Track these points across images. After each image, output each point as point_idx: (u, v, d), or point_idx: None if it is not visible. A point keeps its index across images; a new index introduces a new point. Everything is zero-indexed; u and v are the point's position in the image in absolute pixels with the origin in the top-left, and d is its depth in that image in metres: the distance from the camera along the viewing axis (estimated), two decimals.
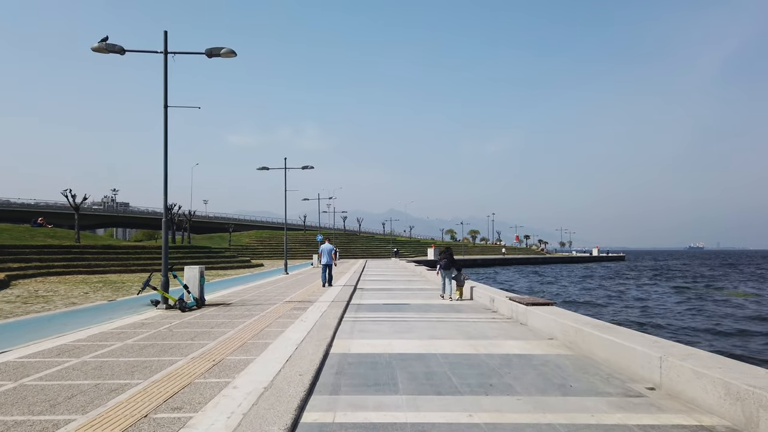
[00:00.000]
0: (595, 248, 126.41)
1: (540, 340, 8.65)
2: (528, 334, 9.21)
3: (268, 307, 12.77)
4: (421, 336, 9.01)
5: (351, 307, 13.34)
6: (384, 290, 18.85)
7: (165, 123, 12.67)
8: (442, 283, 15.42)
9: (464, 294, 15.38)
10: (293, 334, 8.69)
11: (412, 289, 19.35)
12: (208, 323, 10.00)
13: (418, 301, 14.83)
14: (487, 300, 13.69)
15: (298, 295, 15.74)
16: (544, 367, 6.64)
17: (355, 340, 8.66)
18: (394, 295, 16.74)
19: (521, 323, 10.51)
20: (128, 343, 7.99)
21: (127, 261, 33.16)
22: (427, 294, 17.10)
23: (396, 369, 6.55)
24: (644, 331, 13.66)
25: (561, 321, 8.57)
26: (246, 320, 10.41)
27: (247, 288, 19.03)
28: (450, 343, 8.28)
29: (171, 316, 11.03)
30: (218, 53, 12.80)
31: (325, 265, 19.59)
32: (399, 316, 11.64)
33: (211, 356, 6.95)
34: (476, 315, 11.97)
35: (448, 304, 14.27)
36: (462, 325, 10.28)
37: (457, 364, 6.78)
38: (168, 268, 12.73)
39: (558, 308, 10.13)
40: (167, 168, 12.68)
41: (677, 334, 18.96)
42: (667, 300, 32.33)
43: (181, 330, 9.18)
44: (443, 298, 15.27)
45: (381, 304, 14.27)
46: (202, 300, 13.14)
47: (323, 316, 10.95)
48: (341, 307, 12.59)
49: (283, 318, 10.72)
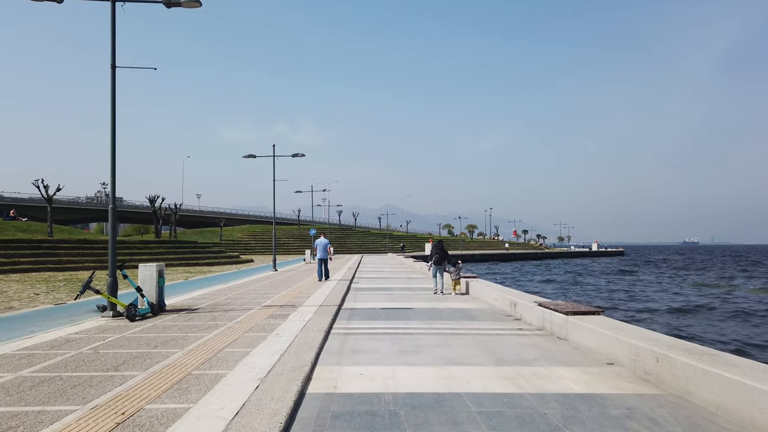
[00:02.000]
0: (594, 243, 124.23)
1: (598, 366, 6.33)
2: (576, 357, 6.89)
3: (241, 313, 10.42)
4: (434, 359, 6.68)
5: (342, 314, 11.01)
6: (381, 290, 16.52)
7: (113, 86, 10.25)
8: (434, 279, 15.08)
9: (461, 288, 15.06)
10: (259, 359, 6.34)
11: (413, 288, 17.03)
12: (154, 340, 7.64)
13: (422, 305, 12.51)
14: (506, 304, 11.37)
15: (281, 297, 13.38)
16: (633, 423, 4.32)
17: (345, 367, 6.31)
18: (394, 297, 14.42)
19: (559, 338, 8.20)
20: (21, 375, 5.62)
21: (104, 256, 30.65)
22: (431, 295, 14.78)
23: (406, 428, 4.22)
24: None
25: (625, 340, 6.26)
26: (205, 334, 8.06)
27: (225, 288, 16.66)
28: (477, 373, 5.96)
29: (112, 328, 8.66)
30: (178, 2, 10.40)
31: (320, 260, 19.47)
32: (401, 327, 9.30)
33: (122, 406, 4.58)
34: (496, 324, 9.65)
35: (459, 308, 11.96)
36: (484, 340, 7.96)
37: (497, 418, 4.45)
38: (118, 266, 10.33)
39: (609, 319, 7.81)
40: (115, 141, 10.26)
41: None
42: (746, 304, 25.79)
43: (110, 352, 6.82)
44: (435, 293, 14.83)
45: (379, 309, 11.94)
46: (161, 305, 10.77)
47: (306, 328, 8.60)
48: (330, 314, 10.24)
49: (255, 331, 8.36)
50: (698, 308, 24.37)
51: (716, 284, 38.96)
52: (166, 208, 48.80)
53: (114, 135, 10.24)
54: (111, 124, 10.20)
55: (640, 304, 26.53)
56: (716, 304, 26.06)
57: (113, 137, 10.24)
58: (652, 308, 24.52)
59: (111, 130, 10.21)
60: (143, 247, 34.89)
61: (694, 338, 16.05)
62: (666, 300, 28.19)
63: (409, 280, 21.20)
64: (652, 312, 23.20)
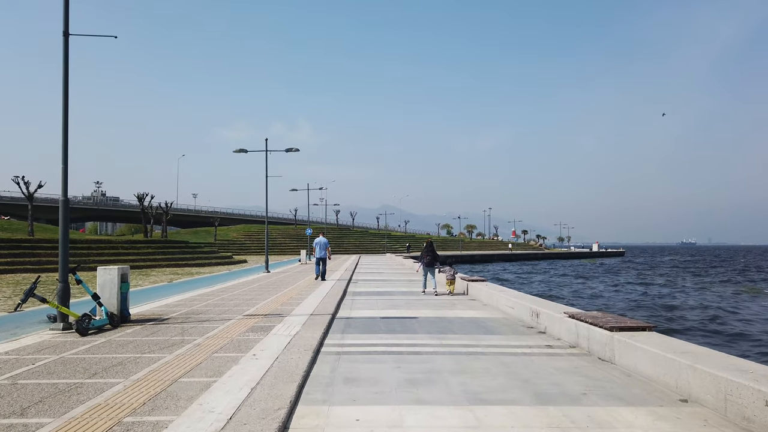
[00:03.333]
0: (595, 243, 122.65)
1: (671, 406, 4.78)
2: (635, 389, 5.33)
3: (217, 325, 8.85)
4: (452, 394, 5.12)
5: (336, 325, 9.45)
6: (381, 295, 14.97)
7: (65, 55, 8.66)
8: (424, 279, 15.13)
9: (456, 288, 14.83)
10: (222, 396, 4.76)
11: (415, 293, 15.48)
12: (97, 364, 6.06)
13: (428, 313, 10.96)
14: (525, 313, 9.83)
15: (267, 304, 11.82)
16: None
17: (336, 407, 4.74)
18: (395, 303, 12.87)
19: (602, 359, 6.66)
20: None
21: (87, 257, 29.05)
22: (436, 301, 13.24)
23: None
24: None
25: (706, 370, 4.73)
26: (165, 355, 6.49)
27: (209, 292, 15.09)
28: (514, 419, 4.40)
29: (53, 346, 7.08)
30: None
31: (318, 259, 19.32)
32: (406, 343, 7.75)
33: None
34: (519, 340, 8.11)
35: (470, 317, 10.43)
36: (511, 363, 6.41)
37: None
38: (71, 269, 8.75)
39: (666, 337, 6.27)
40: (68, 121, 8.67)
41: None
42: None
43: (30, 383, 5.24)
44: (424, 293, 14.79)
45: (378, 318, 10.39)
46: (124, 315, 9.19)
47: (290, 346, 7.03)
48: (321, 326, 8.67)
49: (227, 350, 6.80)
50: None
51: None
52: (157, 207, 47.15)
53: (66, 113, 8.65)
54: (63, 101, 8.61)
55: (695, 315, 21.72)
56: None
57: (65, 117, 8.65)
58: (715, 322, 20.07)
59: (63, 108, 8.62)
60: (130, 247, 33.23)
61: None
62: (713, 308, 23.90)
63: (410, 283, 19.66)
64: (717, 325, 19.29)
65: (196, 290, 15.88)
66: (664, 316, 21.75)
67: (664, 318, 21.11)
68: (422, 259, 14.99)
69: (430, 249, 14.80)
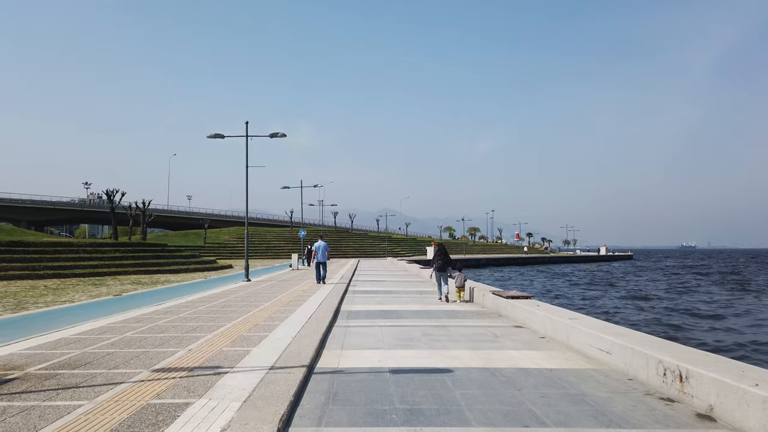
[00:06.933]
0: (602, 246, 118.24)
1: None
2: None
3: (82, 401, 4.63)
4: None
5: (310, 399, 5.22)
6: (386, 318, 10.72)
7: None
8: (438, 286, 14.03)
9: (465, 296, 13.68)
10: None
11: (433, 313, 11.27)
12: None
13: (468, 357, 6.73)
14: (638, 365, 5.59)
15: (212, 340, 7.59)
16: None
17: None
18: (410, 335, 8.61)
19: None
20: None
21: (38, 262, 24.81)
22: (469, 330, 9.00)
23: None
24: None
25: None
26: None
27: (148, 313, 10.86)
28: None
29: None
30: None
31: (318, 263, 18.89)
32: None
33: None
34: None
35: (541, 369, 6.19)
36: None
37: None
38: None
39: None
40: None
41: None
42: None
43: None
44: (441, 300, 13.64)
45: (387, 373, 6.12)
46: None
47: None
48: (281, 406, 4.44)
49: None
50: None
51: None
52: (136, 208, 42.91)
53: None
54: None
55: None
56: None
57: None
58: None
59: None
60: (93, 251, 28.90)
61: None
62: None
63: (421, 296, 15.46)
64: None
65: (138, 309, 11.67)
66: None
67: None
68: (434, 263, 13.81)
69: (442, 252, 13.76)
